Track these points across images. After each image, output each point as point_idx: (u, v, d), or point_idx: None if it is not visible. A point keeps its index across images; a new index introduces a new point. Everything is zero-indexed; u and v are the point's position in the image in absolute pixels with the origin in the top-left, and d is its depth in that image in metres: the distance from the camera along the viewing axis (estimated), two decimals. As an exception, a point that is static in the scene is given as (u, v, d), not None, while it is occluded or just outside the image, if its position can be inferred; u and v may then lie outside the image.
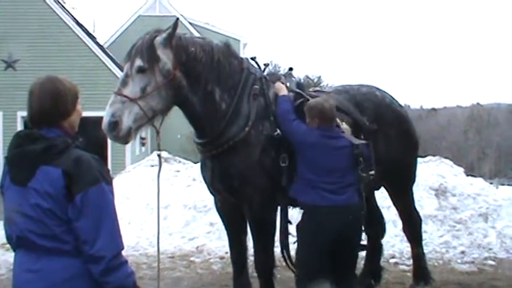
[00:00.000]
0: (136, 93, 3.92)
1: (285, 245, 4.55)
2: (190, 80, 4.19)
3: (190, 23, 27.11)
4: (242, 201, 4.44)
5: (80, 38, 18.82)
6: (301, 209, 4.38)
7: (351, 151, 4.27)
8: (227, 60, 4.39)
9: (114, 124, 3.83)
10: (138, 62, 3.98)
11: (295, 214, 4.83)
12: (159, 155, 4.29)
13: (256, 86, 4.43)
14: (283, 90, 4.51)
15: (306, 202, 4.25)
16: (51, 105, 2.44)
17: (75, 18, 20.77)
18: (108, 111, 3.85)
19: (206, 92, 4.27)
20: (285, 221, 4.55)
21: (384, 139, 4.96)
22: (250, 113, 4.34)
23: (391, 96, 5.34)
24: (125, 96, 3.89)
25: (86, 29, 21.17)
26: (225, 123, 4.28)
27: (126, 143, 4.04)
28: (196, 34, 21.78)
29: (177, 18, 4.22)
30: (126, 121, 3.85)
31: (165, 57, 4.05)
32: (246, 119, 4.32)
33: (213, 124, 4.30)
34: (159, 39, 4.06)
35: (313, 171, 4.20)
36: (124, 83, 3.96)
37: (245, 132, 4.29)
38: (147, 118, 3.97)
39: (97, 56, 18.90)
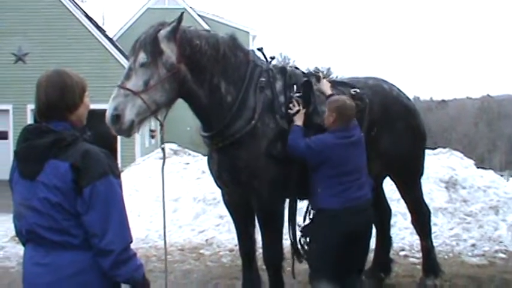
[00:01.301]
0: (139, 87, 3.92)
1: (294, 239, 4.57)
2: (195, 73, 4.17)
3: (199, 15, 27.14)
4: (250, 194, 4.43)
5: (89, 31, 18.90)
6: (318, 212, 4.34)
7: (362, 140, 4.32)
8: (233, 53, 4.37)
9: (117, 117, 3.84)
10: (142, 56, 3.98)
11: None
12: (162, 148, 4.27)
13: (262, 79, 4.40)
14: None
15: (333, 207, 4.19)
16: (58, 98, 2.44)
17: (84, 11, 20.81)
18: (111, 105, 3.87)
19: (212, 85, 4.26)
20: (294, 215, 4.57)
21: (391, 132, 4.93)
22: (256, 105, 4.32)
23: (398, 89, 5.30)
24: (128, 89, 3.90)
25: (95, 22, 21.22)
26: (231, 116, 4.27)
27: (129, 135, 4.05)
28: (205, 26, 21.79)
29: (182, 12, 4.20)
30: (129, 114, 3.86)
31: (169, 51, 4.04)
32: (252, 112, 4.30)
33: (219, 117, 4.28)
34: (163, 32, 4.05)
35: (336, 174, 4.19)
36: (127, 76, 3.96)
37: (251, 125, 4.27)
38: (150, 111, 3.98)
39: (106, 48, 18.98)
